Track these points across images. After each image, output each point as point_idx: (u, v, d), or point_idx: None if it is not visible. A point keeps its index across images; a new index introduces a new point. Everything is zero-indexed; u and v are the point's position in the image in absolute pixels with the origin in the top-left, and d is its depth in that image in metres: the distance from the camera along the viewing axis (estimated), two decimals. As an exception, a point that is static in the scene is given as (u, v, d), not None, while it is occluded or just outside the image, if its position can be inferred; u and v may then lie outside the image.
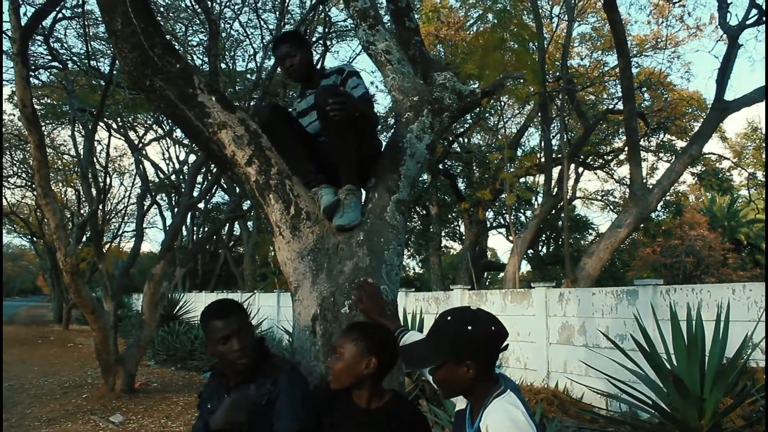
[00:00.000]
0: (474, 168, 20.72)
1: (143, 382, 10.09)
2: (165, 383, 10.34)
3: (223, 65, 14.79)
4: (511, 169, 15.35)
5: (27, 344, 17.41)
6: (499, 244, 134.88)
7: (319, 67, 3.04)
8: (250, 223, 25.76)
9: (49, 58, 12.86)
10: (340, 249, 2.69)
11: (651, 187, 11.32)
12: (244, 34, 14.50)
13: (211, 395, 2.39)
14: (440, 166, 19.83)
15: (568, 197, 16.71)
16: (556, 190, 14.94)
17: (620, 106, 16.81)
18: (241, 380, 2.29)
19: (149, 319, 9.47)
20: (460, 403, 1.98)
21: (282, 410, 2.19)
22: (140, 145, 19.00)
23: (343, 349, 2.12)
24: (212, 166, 18.17)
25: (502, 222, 25.50)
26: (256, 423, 2.18)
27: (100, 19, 12.66)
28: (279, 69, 3.05)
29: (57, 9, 9.03)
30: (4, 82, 16.38)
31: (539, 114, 16.66)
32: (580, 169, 22.13)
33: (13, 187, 27.69)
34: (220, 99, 2.85)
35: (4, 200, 30.36)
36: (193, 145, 13.34)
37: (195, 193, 13.10)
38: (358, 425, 2.12)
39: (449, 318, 1.84)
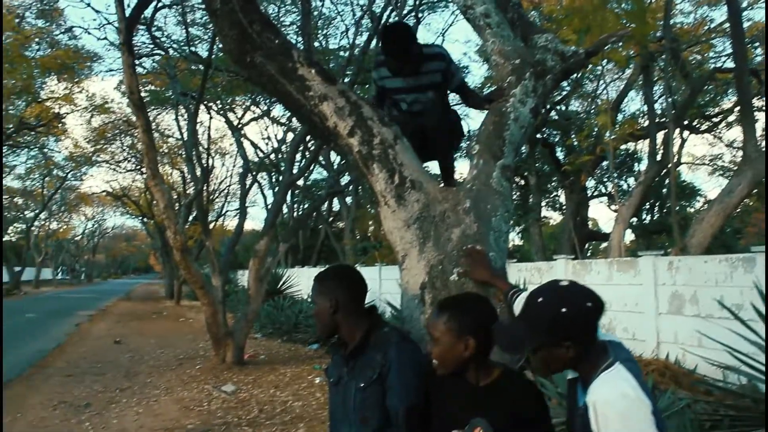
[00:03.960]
0: (573, 135, 20.14)
1: (252, 354, 10.48)
2: (272, 355, 10.69)
3: (315, 44, 14.94)
4: (612, 136, 14.80)
5: (143, 319, 18.50)
6: (600, 213, 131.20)
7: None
8: (348, 198, 26.10)
9: (152, 46, 13.41)
10: (447, 216, 2.65)
11: (765, 149, 10.62)
12: (336, 12, 14.59)
13: (333, 367, 2.38)
14: (538, 136, 19.39)
15: (674, 162, 15.95)
16: (660, 155, 14.28)
17: (729, 63, 15.87)
18: (351, 352, 2.25)
19: (255, 293, 9.80)
20: (572, 371, 1.90)
21: (394, 385, 2.10)
22: (239, 125, 19.52)
23: (436, 332, 2.00)
24: (310, 143, 18.52)
25: (603, 191, 24.74)
26: (369, 397, 2.15)
27: (197, 5, 13.07)
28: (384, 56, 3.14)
29: (157, -2, 9.37)
30: (112, 71, 17.18)
31: (641, 77, 15.92)
32: (686, 133, 21.04)
33: (124, 171, 29.39)
34: (320, 71, 2.84)
35: (117, 184, 32.25)
36: (295, 119, 13.58)
37: (294, 171, 13.37)
38: (466, 403, 2.01)
39: (541, 300, 1.75)
